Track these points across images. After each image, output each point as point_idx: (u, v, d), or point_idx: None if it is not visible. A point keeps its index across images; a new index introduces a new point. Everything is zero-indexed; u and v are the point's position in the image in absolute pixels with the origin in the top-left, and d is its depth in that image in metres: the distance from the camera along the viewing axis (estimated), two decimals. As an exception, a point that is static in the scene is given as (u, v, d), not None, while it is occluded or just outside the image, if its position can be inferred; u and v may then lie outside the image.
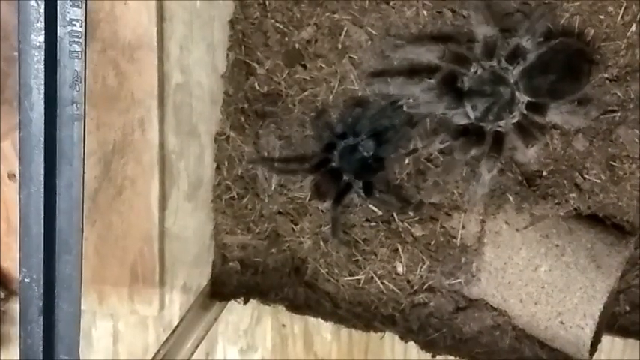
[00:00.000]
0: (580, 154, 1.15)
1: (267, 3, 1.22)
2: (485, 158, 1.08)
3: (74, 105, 0.80)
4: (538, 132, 1.09)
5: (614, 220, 1.18)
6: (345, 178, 1.18)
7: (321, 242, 1.26)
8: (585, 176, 1.15)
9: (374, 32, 1.17)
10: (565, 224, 1.16)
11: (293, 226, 1.27)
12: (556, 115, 1.06)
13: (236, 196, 1.29)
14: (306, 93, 1.22)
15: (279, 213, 1.28)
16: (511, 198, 1.16)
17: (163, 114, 1.17)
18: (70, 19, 0.78)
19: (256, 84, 1.25)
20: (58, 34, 0.79)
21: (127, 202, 1.17)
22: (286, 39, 1.22)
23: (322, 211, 1.25)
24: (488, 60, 1.07)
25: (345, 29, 1.18)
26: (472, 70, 1.08)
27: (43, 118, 0.82)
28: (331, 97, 1.21)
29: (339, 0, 1.17)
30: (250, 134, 1.26)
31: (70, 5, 0.77)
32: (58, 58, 0.80)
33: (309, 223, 1.26)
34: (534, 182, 1.17)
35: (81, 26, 0.78)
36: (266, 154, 1.25)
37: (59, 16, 0.79)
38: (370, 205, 1.23)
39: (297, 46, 1.21)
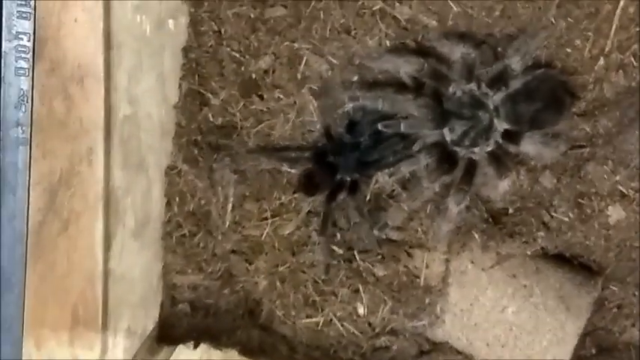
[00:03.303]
0: (547, 191, 1.15)
1: (222, 30, 1.20)
2: (454, 190, 1.07)
3: (19, 127, 0.75)
4: (511, 163, 1.09)
5: (582, 259, 1.18)
6: (339, 176, 1.15)
7: (277, 282, 1.23)
8: (553, 214, 1.15)
9: (335, 62, 1.16)
10: (532, 263, 1.15)
11: (248, 265, 1.24)
12: (530, 144, 1.06)
13: (187, 234, 1.25)
14: (262, 125, 1.21)
15: (233, 252, 1.24)
16: (477, 236, 1.15)
17: (109, 147, 1.14)
18: (17, 32, 0.73)
19: (210, 115, 1.22)
20: (3, 49, 0.73)
21: (72, 239, 1.12)
22: (242, 68, 1.20)
23: (279, 250, 1.21)
24: (467, 82, 1.06)
25: (305, 59, 1.17)
26: (451, 90, 1.07)
27: (-15, 142, 0.76)
28: (288, 130, 1.19)
29: (298, 28, 1.16)
30: (204, 168, 1.22)
31: (17, 17, 0.71)
32: (2, 74, 0.74)
33: (265, 262, 1.23)
34: (500, 220, 1.16)
35: (29, 41, 0.72)
36: (220, 188, 1.22)
37: (4, 29, 0.73)
38: (331, 245, 1.20)
39: (253, 75, 1.20)
